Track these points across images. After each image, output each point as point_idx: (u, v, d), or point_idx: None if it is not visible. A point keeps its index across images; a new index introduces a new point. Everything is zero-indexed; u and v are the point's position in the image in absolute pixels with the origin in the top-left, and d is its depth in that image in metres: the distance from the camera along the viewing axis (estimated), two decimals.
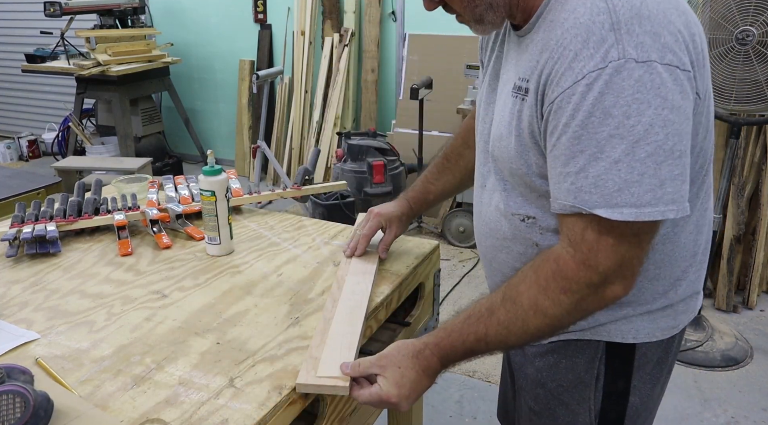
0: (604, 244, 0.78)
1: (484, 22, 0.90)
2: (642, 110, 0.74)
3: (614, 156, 0.75)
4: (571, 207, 0.79)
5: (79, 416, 0.81)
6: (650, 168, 0.75)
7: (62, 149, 5.30)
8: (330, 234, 1.45)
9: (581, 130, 0.76)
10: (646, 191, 0.75)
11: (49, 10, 4.18)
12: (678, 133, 0.76)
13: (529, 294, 0.84)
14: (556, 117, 0.79)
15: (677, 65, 0.76)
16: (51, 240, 1.34)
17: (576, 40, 0.77)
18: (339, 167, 3.55)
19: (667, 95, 0.74)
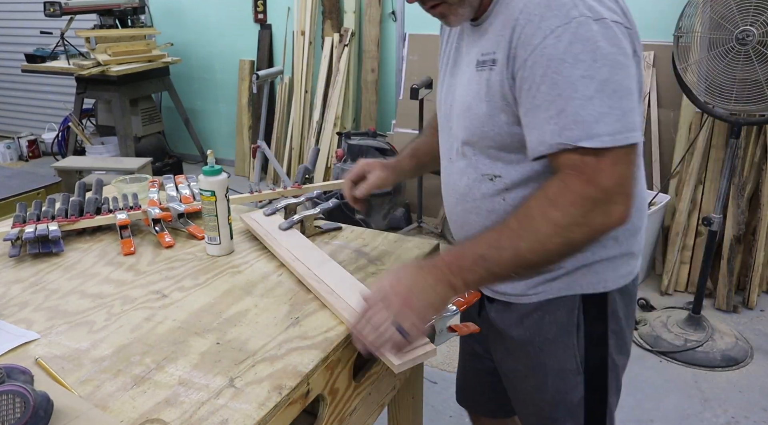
0: (604, 165, 0.88)
1: (465, 4, 0.99)
2: (605, 55, 0.87)
3: (588, 93, 0.86)
4: (558, 144, 0.89)
5: (79, 416, 0.81)
6: (616, 102, 0.87)
7: (62, 149, 5.30)
8: (330, 234, 1.44)
9: (557, 76, 0.87)
10: (615, 120, 0.87)
11: (48, 10, 4.18)
12: (629, 74, 0.90)
13: (539, 206, 0.91)
14: (532, 71, 0.90)
15: (621, 22, 0.91)
16: (53, 240, 1.34)
17: (539, 7, 0.89)
18: (339, 167, 3.55)
19: (620, 44, 0.89)
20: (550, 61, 0.88)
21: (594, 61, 0.86)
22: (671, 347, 2.58)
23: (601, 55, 0.87)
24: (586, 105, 0.87)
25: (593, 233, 0.90)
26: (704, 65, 2.33)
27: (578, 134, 0.87)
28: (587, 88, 0.87)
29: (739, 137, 2.45)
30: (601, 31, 0.87)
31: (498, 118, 0.99)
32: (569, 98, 0.87)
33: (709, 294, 2.93)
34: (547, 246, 0.90)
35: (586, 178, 0.88)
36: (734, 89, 2.27)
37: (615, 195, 0.89)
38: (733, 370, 2.47)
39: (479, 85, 1.00)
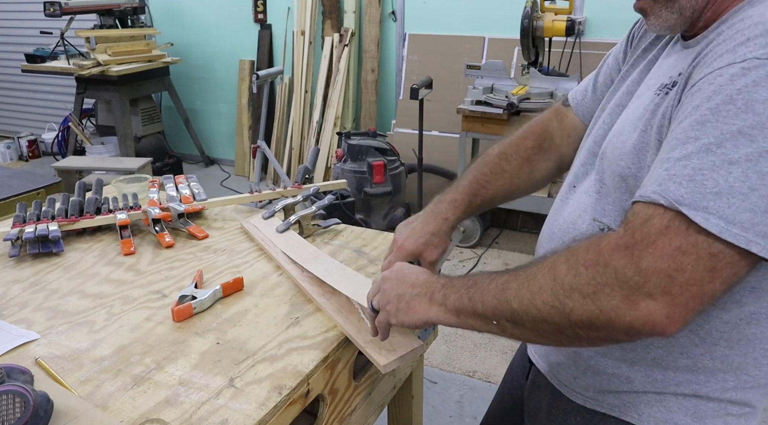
0: (665, 242, 0.63)
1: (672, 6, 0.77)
2: None
3: (732, 156, 0.62)
4: (652, 192, 0.65)
5: (79, 416, 0.81)
6: (766, 187, 0.61)
7: (62, 149, 5.30)
8: (330, 234, 1.44)
9: (710, 115, 0.64)
10: (745, 209, 0.61)
11: (48, 10, 4.18)
12: None
13: (555, 256, 0.72)
14: (692, 99, 0.67)
15: None
16: (54, 240, 1.34)
17: (754, 28, 0.66)
18: (339, 167, 3.55)
19: None
20: (714, 94, 0.64)
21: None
22: None
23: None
24: (720, 168, 0.62)
25: (599, 317, 0.66)
26: None
27: (683, 194, 0.63)
28: (737, 148, 0.62)
29: None
30: None
31: (643, 156, 0.76)
32: (705, 150, 0.63)
33: None
34: (535, 301, 0.70)
35: (625, 243, 0.65)
36: None
37: (654, 286, 0.63)
38: None
39: (645, 110, 0.78)
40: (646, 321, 0.64)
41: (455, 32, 3.97)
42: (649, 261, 0.63)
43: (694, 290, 0.63)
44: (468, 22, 3.94)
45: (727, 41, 0.68)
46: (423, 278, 0.86)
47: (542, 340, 0.76)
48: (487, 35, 3.88)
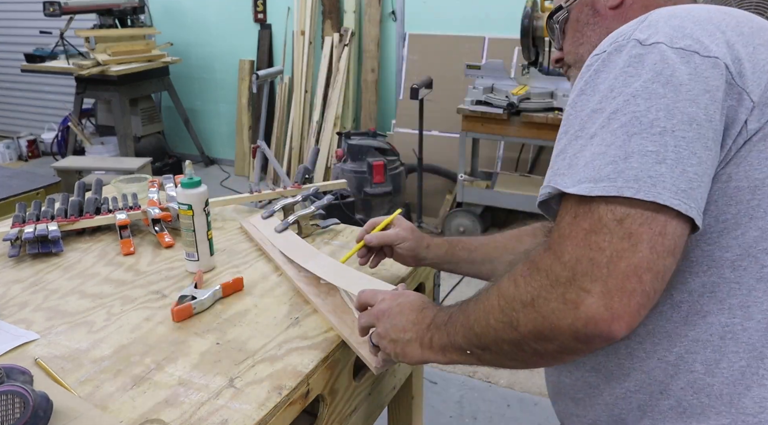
0: (576, 230, 0.63)
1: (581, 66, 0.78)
2: (629, 82, 0.65)
3: (591, 130, 0.66)
4: (545, 188, 0.70)
5: (79, 416, 0.81)
6: (619, 138, 0.63)
7: (62, 149, 5.30)
8: (330, 235, 1.44)
9: (570, 109, 0.71)
10: (607, 163, 0.63)
11: (48, 10, 4.18)
12: (667, 108, 0.63)
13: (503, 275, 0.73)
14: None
15: (696, 50, 0.65)
16: (53, 240, 1.34)
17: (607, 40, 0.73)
18: (339, 167, 3.55)
19: (663, 71, 0.64)
20: (573, 94, 0.72)
21: (611, 90, 0.66)
22: None
23: (623, 83, 0.66)
24: (586, 145, 0.66)
25: (543, 323, 0.64)
26: None
27: (566, 180, 0.66)
28: (593, 123, 0.66)
29: None
30: (643, 55, 0.66)
31: None
32: (574, 137, 0.68)
33: None
34: (489, 320, 0.70)
35: (549, 244, 0.66)
36: None
37: (582, 275, 0.61)
38: None
39: None
40: (588, 319, 0.61)
41: (455, 32, 3.97)
42: (569, 252, 0.63)
43: (622, 266, 0.60)
44: (468, 22, 3.93)
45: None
46: (411, 320, 0.84)
47: (511, 363, 0.74)
48: (487, 35, 3.88)
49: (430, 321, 0.82)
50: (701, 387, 0.70)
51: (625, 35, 0.69)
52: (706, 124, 0.64)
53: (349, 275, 1.12)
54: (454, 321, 0.78)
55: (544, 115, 3.10)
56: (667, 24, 0.68)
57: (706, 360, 0.70)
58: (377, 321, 0.88)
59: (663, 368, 0.72)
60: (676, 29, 0.67)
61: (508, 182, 3.55)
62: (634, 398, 0.75)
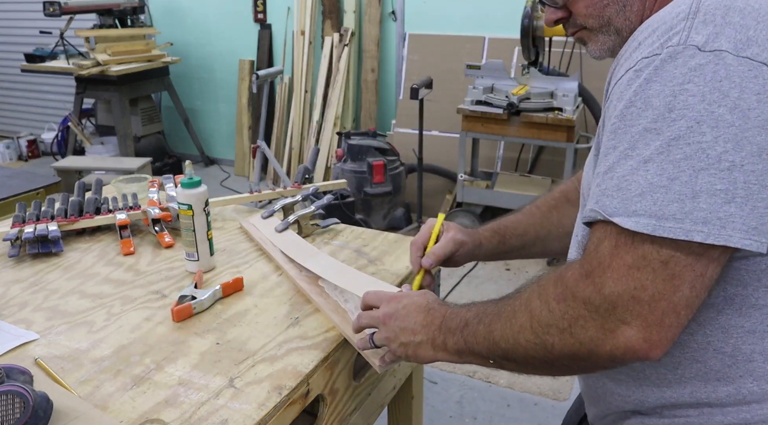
0: (618, 263, 0.63)
1: (609, 31, 0.77)
2: (690, 104, 0.60)
3: (645, 154, 0.62)
4: (591, 211, 0.66)
5: (79, 416, 0.81)
6: (684, 172, 0.60)
7: (62, 149, 5.30)
8: (330, 234, 1.44)
9: (619, 122, 0.65)
10: (671, 200, 0.60)
11: (48, 10, 4.18)
12: (735, 139, 0.59)
13: (529, 291, 0.74)
14: (608, 113, 0.69)
15: (764, 61, 0.60)
16: (53, 240, 1.34)
17: (646, 31, 0.67)
18: (339, 167, 3.55)
19: (729, 91, 0.59)
20: (618, 102, 0.66)
21: (669, 111, 0.61)
22: None
23: (683, 103, 0.60)
24: (638, 169, 0.62)
25: (580, 349, 0.66)
26: None
27: (616, 205, 0.63)
28: (647, 145, 0.62)
29: None
30: (704, 68, 0.60)
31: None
32: (623, 156, 0.64)
33: None
34: (519, 340, 0.72)
35: (586, 271, 0.65)
36: None
37: (623, 310, 0.62)
38: None
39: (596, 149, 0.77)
40: (626, 349, 0.63)
41: (455, 32, 3.97)
42: (610, 286, 0.63)
43: (663, 305, 0.61)
44: (468, 22, 3.93)
45: (626, 50, 0.69)
46: (420, 321, 0.85)
47: (537, 372, 0.76)
48: (487, 35, 3.88)
49: (441, 322, 0.83)
50: (761, 374, 0.70)
51: (678, 34, 0.63)
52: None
53: (350, 275, 1.12)
54: (473, 330, 0.78)
55: (544, 115, 3.10)
56: (727, 22, 0.62)
57: (764, 350, 0.69)
58: (383, 325, 0.88)
59: (720, 358, 0.71)
60: (740, 30, 0.62)
61: (508, 182, 3.55)
62: (689, 384, 0.74)
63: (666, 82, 0.62)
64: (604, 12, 0.76)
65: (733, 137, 0.59)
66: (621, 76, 0.67)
